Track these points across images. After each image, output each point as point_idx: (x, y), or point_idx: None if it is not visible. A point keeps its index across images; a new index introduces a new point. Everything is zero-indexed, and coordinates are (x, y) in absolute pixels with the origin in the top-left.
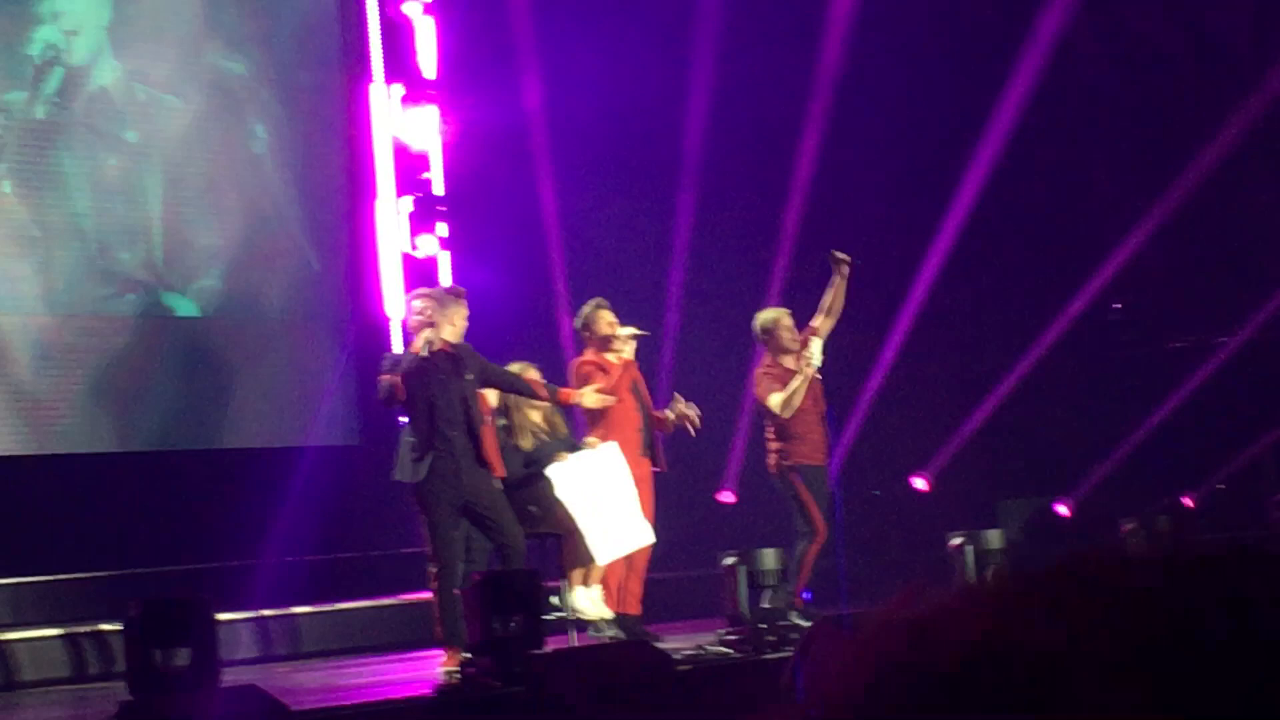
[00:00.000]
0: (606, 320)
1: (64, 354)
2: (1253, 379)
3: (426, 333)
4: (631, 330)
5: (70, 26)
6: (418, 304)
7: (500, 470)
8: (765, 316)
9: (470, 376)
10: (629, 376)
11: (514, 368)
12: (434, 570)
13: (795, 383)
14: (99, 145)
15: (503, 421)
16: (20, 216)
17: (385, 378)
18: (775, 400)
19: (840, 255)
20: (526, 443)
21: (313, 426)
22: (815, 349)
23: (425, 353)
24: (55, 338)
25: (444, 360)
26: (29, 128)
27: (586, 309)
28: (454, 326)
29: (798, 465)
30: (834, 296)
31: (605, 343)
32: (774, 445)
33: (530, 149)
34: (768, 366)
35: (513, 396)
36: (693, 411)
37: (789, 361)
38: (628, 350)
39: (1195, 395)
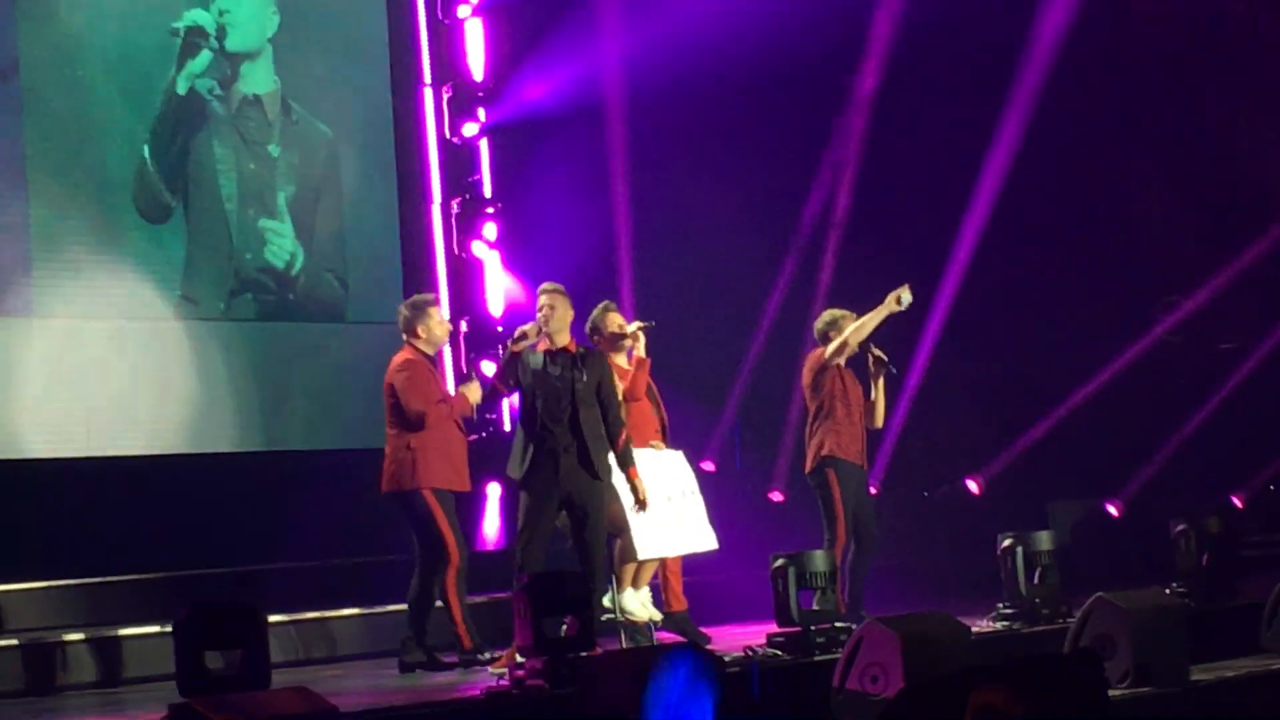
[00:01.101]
0: (616, 323)
1: (124, 356)
2: None
3: (527, 326)
4: (637, 324)
5: (231, 23)
6: (540, 299)
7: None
8: (828, 316)
9: (586, 379)
10: (643, 376)
11: None
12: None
13: (871, 315)
14: (242, 148)
15: None
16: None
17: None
18: (835, 343)
19: (879, 354)
20: None
21: (364, 429)
22: (906, 294)
23: (521, 347)
24: (118, 339)
25: (563, 359)
26: (171, 101)
27: (595, 312)
28: (428, 334)
29: (835, 458)
30: (876, 398)
31: (614, 344)
32: (813, 434)
33: (580, 149)
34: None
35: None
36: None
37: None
38: (639, 347)
39: (1245, 394)
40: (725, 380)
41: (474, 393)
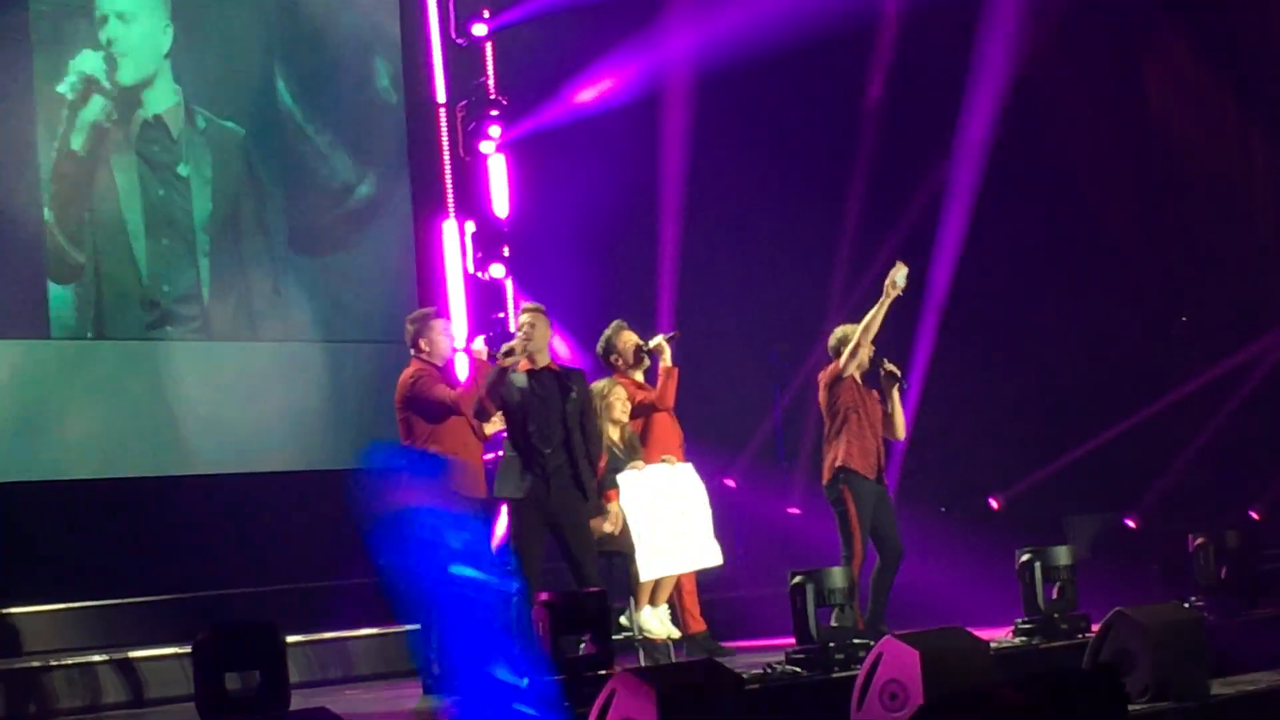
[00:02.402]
0: (632, 341)
1: (106, 379)
2: None
3: (514, 343)
4: (660, 337)
5: (122, 51)
6: (521, 317)
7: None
8: (840, 333)
9: (575, 399)
10: (673, 385)
11: (599, 384)
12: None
13: (874, 310)
14: (148, 174)
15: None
16: (59, 243)
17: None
18: (847, 349)
19: (891, 368)
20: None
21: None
22: (900, 275)
23: (509, 363)
24: (98, 362)
25: (548, 379)
26: (69, 160)
27: (608, 332)
28: (431, 346)
29: (850, 471)
30: (893, 410)
31: (636, 361)
32: (829, 448)
33: (594, 166)
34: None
35: (596, 407)
36: None
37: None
38: (665, 357)
39: (1262, 406)
40: (757, 397)
41: (482, 351)
